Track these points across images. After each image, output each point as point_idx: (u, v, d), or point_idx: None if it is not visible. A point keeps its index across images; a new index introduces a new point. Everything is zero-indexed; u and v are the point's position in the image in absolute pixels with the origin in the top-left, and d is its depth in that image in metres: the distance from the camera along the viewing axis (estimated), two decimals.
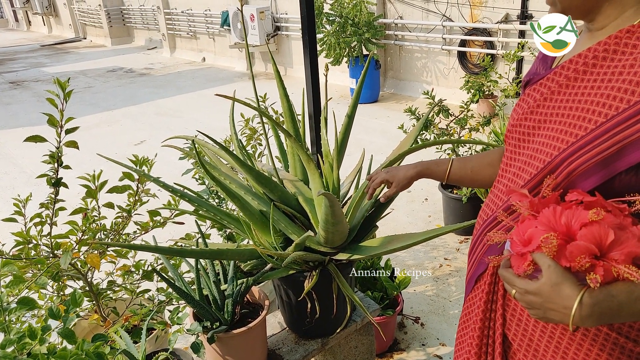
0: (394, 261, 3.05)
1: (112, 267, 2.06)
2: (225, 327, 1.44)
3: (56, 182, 1.72)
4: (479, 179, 1.24)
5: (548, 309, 0.76)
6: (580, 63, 0.87)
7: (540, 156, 0.90)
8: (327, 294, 1.61)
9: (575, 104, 0.85)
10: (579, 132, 0.83)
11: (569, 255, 0.73)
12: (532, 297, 0.77)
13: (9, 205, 1.77)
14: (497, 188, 1.04)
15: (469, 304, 1.12)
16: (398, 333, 2.48)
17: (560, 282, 0.73)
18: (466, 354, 1.09)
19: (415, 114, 3.08)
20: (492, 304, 1.02)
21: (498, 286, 1.01)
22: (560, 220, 0.76)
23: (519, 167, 0.96)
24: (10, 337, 1.06)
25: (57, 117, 1.66)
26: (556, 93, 0.90)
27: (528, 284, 0.77)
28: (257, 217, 1.59)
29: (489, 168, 1.21)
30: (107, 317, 2.00)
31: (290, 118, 1.73)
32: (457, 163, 1.26)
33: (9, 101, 8.15)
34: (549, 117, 0.90)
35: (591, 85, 0.84)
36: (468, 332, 1.10)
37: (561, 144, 0.85)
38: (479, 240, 1.06)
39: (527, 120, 0.94)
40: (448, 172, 1.25)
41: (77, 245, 1.76)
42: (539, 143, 0.91)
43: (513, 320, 0.99)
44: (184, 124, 6.35)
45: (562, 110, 0.87)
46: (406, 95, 7.07)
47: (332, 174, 1.62)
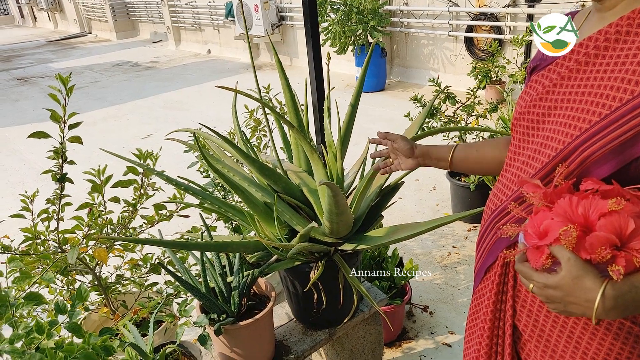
0: (401, 250, 3.04)
1: (120, 261, 2.08)
2: (232, 319, 1.44)
3: (61, 177, 1.72)
4: (485, 161, 1.19)
5: (569, 303, 0.74)
6: (591, 46, 0.84)
7: (551, 144, 0.87)
8: (333, 284, 1.61)
9: (587, 89, 0.83)
10: (593, 118, 0.80)
11: (589, 247, 0.71)
12: (552, 291, 0.75)
13: (19, 202, 1.79)
14: (506, 177, 1.01)
15: (478, 295, 1.10)
16: (407, 322, 2.47)
17: (581, 275, 0.71)
18: (476, 346, 1.08)
19: (422, 101, 3.05)
20: (502, 295, 1.01)
21: (508, 277, 0.99)
22: (577, 211, 0.74)
23: (528, 155, 0.94)
24: (19, 332, 1.07)
25: (60, 112, 1.66)
26: (566, 78, 0.87)
27: (547, 278, 0.75)
28: (262, 209, 1.58)
29: (494, 149, 1.18)
30: (117, 310, 2.01)
31: (293, 109, 1.71)
32: (462, 146, 1.24)
33: (17, 97, 8.21)
34: (559, 103, 0.87)
35: (604, 69, 0.82)
36: (478, 323, 1.09)
37: (574, 130, 0.83)
38: (487, 231, 1.04)
39: (536, 107, 0.92)
40: (452, 154, 1.20)
41: (85, 240, 1.77)
42: (550, 130, 0.88)
43: (523, 311, 0.97)
44: (191, 116, 6.36)
45: (574, 96, 0.85)
46: (413, 83, 7.02)
47: (336, 164, 1.61)
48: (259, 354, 1.55)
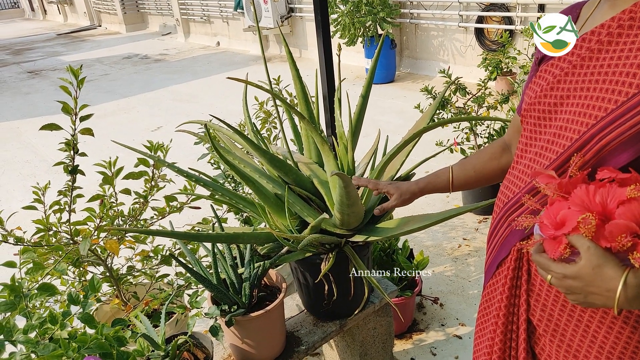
0: (411, 242, 3.03)
1: (131, 252, 2.09)
2: (243, 310, 1.44)
3: (73, 169, 1.73)
4: (485, 175, 1.20)
5: (590, 293, 0.72)
6: (603, 34, 0.83)
7: (566, 134, 0.86)
8: (344, 276, 1.61)
9: (601, 76, 0.81)
10: (609, 106, 0.79)
11: (609, 235, 0.69)
12: (572, 281, 0.73)
13: (30, 194, 1.80)
14: (517, 169, 0.99)
15: (490, 289, 1.08)
16: (417, 314, 2.47)
17: (602, 264, 0.70)
18: (489, 341, 1.06)
19: (432, 93, 3.03)
20: (516, 289, 0.99)
21: (522, 271, 0.97)
22: (594, 200, 0.73)
23: (541, 146, 0.92)
24: (32, 323, 1.08)
25: (71, 105, 1.67)
26: (578, 67, 0.85)
27: (566, 268, 0.73)
28: (272, 201, 1.58)
29: (492, 162, 1.18)
30: (128, 301, 2.03)
31: (303, 100, 1.71)
32: (457, 167, 1.23)
33: (28, 90, 8.26)
34: (572, 92, 0.85)
35: (618, 55, 0.80)
36: (490, 318, 1.07)
37: (589, 119, 0.81)
38: (499, 224, 1.02)
39: (547, 97, 0.90)
40: (451, 179, 1.22)
41: (96, 232, 1.78)
42: (563, 120, 0.87)
43: (537, 305, 0.96)
44: (200, 108, 6.37)
45: (587, 84, 0.83)
46: (423, 74, 6.97)
47: (347, 156, 1.60)
48: (270, 345, 1.56)
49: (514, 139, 1.12)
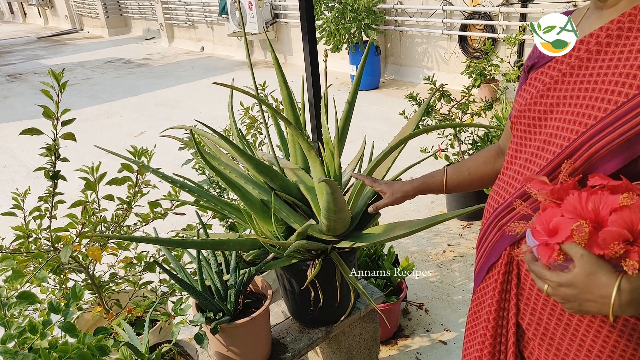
0: (396, 247, 3.04)
1: (114, 259, 2.06)
2: (229, 318, 1.43)
3: (54, 175, 1.70)
4: (478, 178, 1.21)
5: (584, 300, 0.73)
6: (592, 43, 0.84)
7: (556, 141, 0.87)
8: (330, 282, 1.60)
9: (591, 84, 0.82)
10: (598, 114, 0.80)
11: (602, 243, 0.70)
12: (566, 289, 0.74)
13: (10, 199, 1.76)
14: (507, 175, 1.00)
15: (479, 294, 1.08)
16: (402, 319, 2.47)
17: (595, 271, 0.70)
18: (479, 345, 1.06)
19: (417, 99, 3.05)
20: (506, 293, 1.00)
21: (512, 275, 0.98)
22: (587, 207, 0.73)
23: (531, 152, 0.93)
24: (11, 332, 1.05)
25: (53, 109, 1.64)
26: (568, 75, 0.86)
27: (560, 276, 0.74)
28: (258, 207, 1.57)
29: (487, 165, 1.19)
30: (110, 309, 1.99)
31: (290, 106, 1.70)
32: (452, 169, 1.24)
33: (6, 94, 8.12)
34: (562, 100, 0.87)
35: (607, 65, 0.81)
36: (480, 322, 1.07)
37: (579, 127, 0.82)
38: (489, 229, 1.02)
39: (537, 104, 0.91)
40: (445, 180, 1.23)
41: (78, 238, 1.75)
42: (553, 127, 0.88)
43: (527, 309, 0.96)
44: (184, 114, 6.32)
45: (577, 92, 0.84)
46: (407, 81, 7.02)
47: (334, 162, 1.60)
48: (256, 352, 1.54)
49: (507, 144, 1.13)
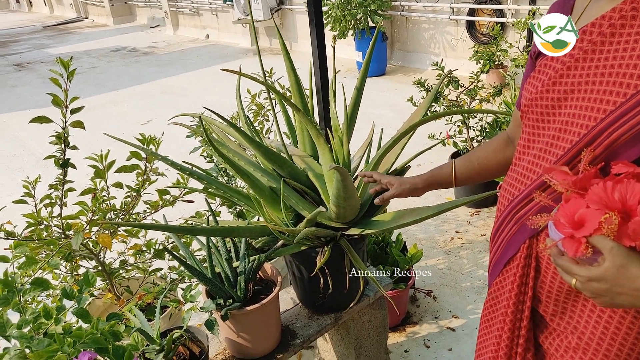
0: (404, 235, 3.04)
1: (124, 246, 2.07)
2: (239, 304, 1.44)
3: (64, 163, 1.71)
4: (488, 168, 1.19)
5: (617, 294, 0.71)
6: (605, 25, 0.81)
7: (573, 129, 0.84)
8: (339, 269, 1.60)
9: (607, 69, 0.80)
10: (617, 99, 0.77)
11: (632, 234, 0.68)
12: (597, 284, 0.71)
13: (20, 188, 1.77)
14: (520, 166, 0.98)
15: (496, 287, 1.06)
16: (410, 306, 2.48)
17: (627, 264, 0.68)
18: (496, 339, 1.05)
19: (425, 85, 3.03)
20: (524, 287, 0.98)
21: (530, 268, 0.95)
22: (613, 197, 0.70)
23: (545, 142, 0.90)
24: (26, 318, 1.06)
25: (61, 97, 1.64)
26: (581, 60, 0.83)
27: (590, 270, 0.71)
28: (267, 194, 1.57)
29: (497, 155, 1.17)
30: (121, 295, 2.01)
31: (298, 92, 1.69)
32: (460, 160, 1.22)
33: (14, 83, 8.14)
34: (576, 86, 0.84)
35: (622, 47, 0.78)
36: (498, 316, 1.06)
37: (597, 113, 0.80)
38: (505, 222, 1.00)
39: (550, 92, 0.88)
40: (454, 171, 1.22)
41: (88, 226, 1.76)
42: (569, 115, 0.85)
43: (550, 301, 0.94)
44: (190, 102, 6.32)
45: (592, 77, 0.82)
46: (414, 67, 6.97)
47: (342, 149, 1.59)
48: (266, 338, 1.55)
49: (516, 133, 1.11)
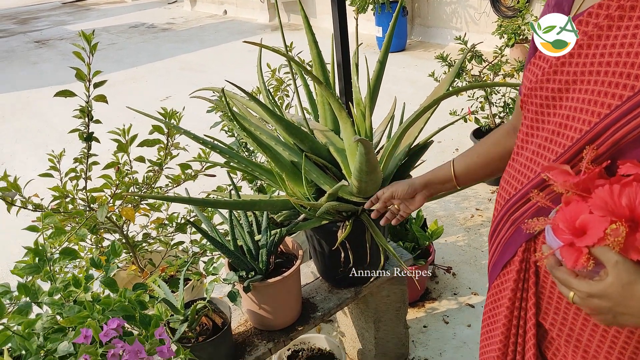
0: (424, 211, 3.03)
1: (146, 220, 2.10)
2: (261, 277, 1.45)
3: (88, 136, 1.73)
4: (491, 162, 1.09)
5: (619, 314, 0.64)
6: (613, 7, 0.71)
7: (574, 124, 0.76)
8: (360, 243, 1.61)
9: (613, 58, 0.70)
10: (624, 93, 0.68)
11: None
12: (598, 301, 0.64)
13: (44, 162, 1.80)
14: (518, 162, 0.90)
15: (495, 290, 0.99)
16: (429, 283, 2.48)
17: (633, 281, 0.61)
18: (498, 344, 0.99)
19: (447, 60, 2.97)
20: (522, 292, 0.90)
21: (529, 273, 0.88)
22: (620, 202, 0.62)
23: (544, 137, 0.82)
24: (57, 285, 1.09)
25: (84, 72, 1.65)
26: (585, 47, 0.74)
27: (590, 285, 0.64)
28: (289, 168, 1.57)
29: (497, 147, 1.08)
30: (144, 268, 2.05)
31: (319, 65, 1.68)
32: (459, 157, 1.14)
33: (36, 60, 8.22)
34: (579, 76, 0.75)
35: (632, 33, 0.69)
36: (500, 319, 0.98)
37: (601, 108, 0.71)
38: (501, 223, 0.92)
39: (550, 82, 0.79)
40: (452, 169, 1.13)
41: (112, 199, 1.79)
42: (570, 108, 0.77)
43: (550, 309, 0.87)
44: (209, 78, 6.31)
45: (597, 67, 0.73)
46: (434, 42, 6.84)
47: (365, 123, 1.58)
48: (287, 310, 1.57)
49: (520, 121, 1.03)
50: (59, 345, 1.03)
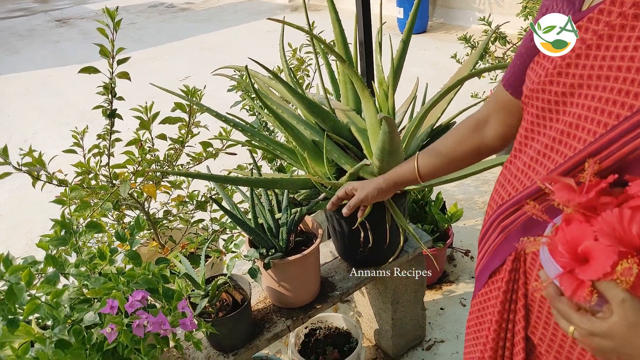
0: (443, 195, 3.00)
1: (167, 197, 2.13)
2: (281, 254, 1.46)
3: (111, 113, 1.74)
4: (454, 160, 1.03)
5: (624, 355, 0.58)
6: (628, 4, 0.63)
7: (577, 133, 0.69)
8: (380, 224, 1.61)
9: (625, 62, 0.63)
10: (635, 103, 0.62)
11: None
12: (601, 340, 0.59)
13: (65, 140, 1.82)
14: (515, 165, 0.84)
15: (481, 299, 0.94)
16: (447, 266, 2.48)
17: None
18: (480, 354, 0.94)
19: (470, 41, 2.92)
20: (510, 303, 0.85)
21: (518, 284, 0.83)
22: (630, 230, 0.56)
23: (544, 144, 0.76)
24: (82, 258, 1.11)
25: (107, 50, 1.66)
26: (594, 47, 0.68)
27: (593, 323, 0.59)
28: (310, 147, 1.57)
29: (460, 145, 1.01)
30: (165, 244, 2.08)
31: (342, 43, 1.66)
32: (423, 156, 1.09)
33: (57, 39, 8.29)
34: (585, 80, 0.68)
35: None
36: (483, 329, 0.95)
37: (608, 118, 0.65)
38: (491, 227, 0.87)
39: (553, 84, 0.73)
40: (416, 165, 1.08)
41: (134, 176, 1.81)
42: (574, 115, 0.70)
43: (539, 323, 0.82)
44: (227, 58, 6.29)
45: (606, 71, 0.66)
46: (456, 24, 6.72)
47: (387, 102, 1.56)
48: (306, 288, 1.58)
49: (495, 115, 0.96)
50: (85, 315, 1.06)
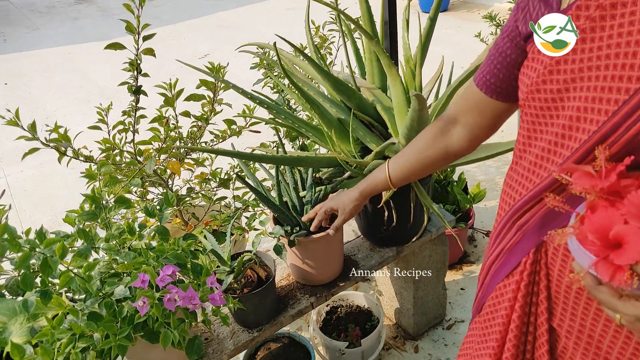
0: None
1: (190, 175, 2.14)
2: (305, 232, 1.47)
3: (136, 89, 1.74)
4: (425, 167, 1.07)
5: None
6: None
7: (580, 125, 0.71)
8: (404, 203, 1.60)
9: (612, 49, 0.65)
10: (630, 85, 0.63)
11: None
12: None
13: (87, 117, 1.84)
14: (521, 166, 0.85)
15: (495, 294, 0.93)
16: (468, 246, 2.47)
17: None
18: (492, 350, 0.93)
19: (495, 20, 2.85)
20: (532, 296, 0.85)
21: (540, 276, 0.83)
22: None
23: (549, 140, 0.77)
24: (112, 232, 1.12)
25: (132, 26, 1.66)
26: (579, 42, 0.69)
27: (637, 308, 0.60)
28: (335, 125, 1.56)
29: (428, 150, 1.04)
30: (188, 221, 2.10)
31: (369, 20, 1.63)
32: (394, 163, 1.11)
33: (76, 15, 8.30)
34: (577, 74, 0.69)
35: (628, 20, 0.63)
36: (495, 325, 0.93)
37: (608, 105, 0.66)
38: (506, 227, 0.87)
39: (547, 82, 0.73)
40: (387, 172, 1.11)
41: (158, 153, 1.82)
42: (574, 109, 0.71)
43: (566, 315, 0.82)
44: (246, 36, 6.26)
45: (596, 61, 0.67)
46: (478, 3, 6.58)
47: (414, 81, 1.54)
48: (329, 266, 1.59)
49: (464, 115, 0.97)
50: (115, 288, 1.07)
